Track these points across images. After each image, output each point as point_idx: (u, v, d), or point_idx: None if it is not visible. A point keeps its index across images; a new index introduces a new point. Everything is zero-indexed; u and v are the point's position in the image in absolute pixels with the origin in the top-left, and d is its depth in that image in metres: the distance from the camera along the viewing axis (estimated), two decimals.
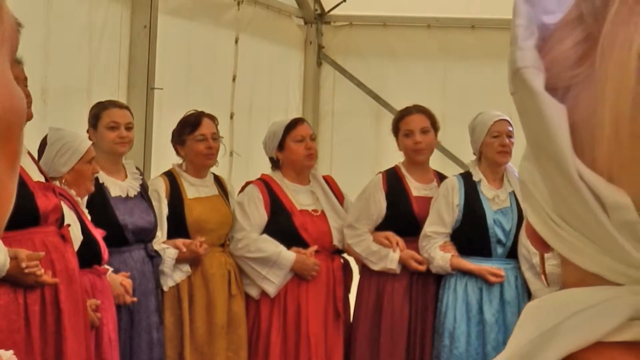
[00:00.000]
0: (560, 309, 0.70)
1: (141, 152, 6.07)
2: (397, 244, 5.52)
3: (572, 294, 0.71)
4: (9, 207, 0.71)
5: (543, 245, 0.74)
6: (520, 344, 0.71)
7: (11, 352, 0.81)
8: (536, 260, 5.39)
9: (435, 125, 5.67)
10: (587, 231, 0.69)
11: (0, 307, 4.02)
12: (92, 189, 4.73)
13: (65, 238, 4.27)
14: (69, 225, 4.34)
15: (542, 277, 0.77)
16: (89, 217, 4.68)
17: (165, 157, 5.69)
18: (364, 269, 5.68)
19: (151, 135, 6.18)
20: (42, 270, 4.06)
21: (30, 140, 4.49)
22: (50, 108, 5.43)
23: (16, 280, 4.03)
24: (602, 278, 0.70)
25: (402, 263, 5.52)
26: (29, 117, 4.28)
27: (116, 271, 4.80)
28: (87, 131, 5.01)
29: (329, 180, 5.74)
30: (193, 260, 5.25)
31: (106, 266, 4.70)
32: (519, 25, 0.72)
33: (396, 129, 5.68)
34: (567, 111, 0.69)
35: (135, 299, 4.85)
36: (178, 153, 5.45)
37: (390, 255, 5.52)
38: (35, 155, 4.55)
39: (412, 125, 5.61)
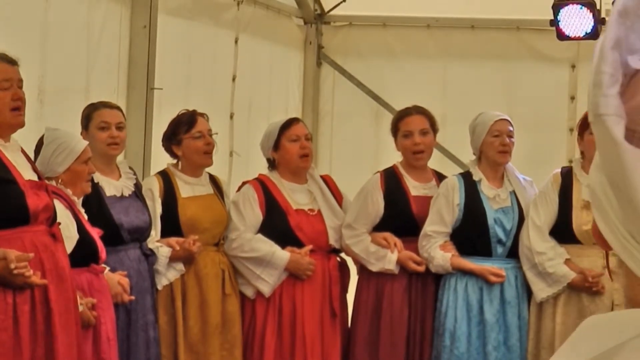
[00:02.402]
0: (624, 329, 0.73)
1: (140, 152, 6.06)
2: (395, 244, 5.51)
3: (636, 315, 0.74)
4: None
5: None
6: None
7: None
8: (538, 259, 5.39)
9: (434, 127, 5.66)
10: None
11: None
12: (89, 189, 4.71)
13: (55, 237, 4.23)
14: (59, 223, 4.30)
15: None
16: (86, 217, 4.66)
17: (164, 157, 5.67)
18: (362, 269, 5.66)
19: (150, 136, 6.16)
20: (31, 271, 4.02)
21: (27, 140, 4.48)
22: (47, 108, 5.41)
23: (5, 281, 3.99)
24: None
25: (401, 264, 5.51)
26: (21, 124, 4.25)
27: (113, 270, 4.79)
28: (81, 133, 5.00)
29: (327, 180, 5.72)
30: (186, 258, 5.24)
31: (103, 265, 4.68)
32: (605, 72, 0.77)
33: (395, 129, 5.66)
34: None
35: (133, 297, 4.85)
36: (173, 153, 5.43)
37: (388, 256, 5.50)
38: (32, 156, 4.52)
39: (412, 126, 5.59)
